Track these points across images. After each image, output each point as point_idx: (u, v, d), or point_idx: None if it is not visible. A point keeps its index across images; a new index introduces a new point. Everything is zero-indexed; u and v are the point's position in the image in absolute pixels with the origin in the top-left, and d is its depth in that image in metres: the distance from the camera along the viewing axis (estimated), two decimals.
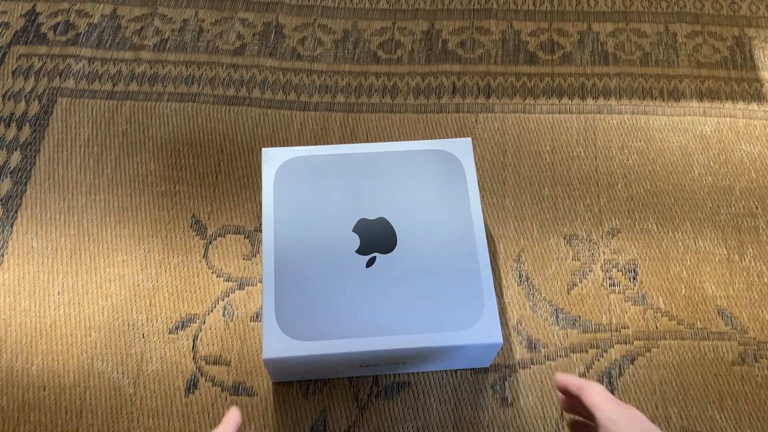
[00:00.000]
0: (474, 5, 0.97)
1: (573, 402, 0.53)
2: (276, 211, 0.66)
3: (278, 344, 0.60)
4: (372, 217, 0.66)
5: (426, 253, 0.64)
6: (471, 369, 0.70)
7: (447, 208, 0.67)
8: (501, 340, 0.61)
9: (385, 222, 0.66)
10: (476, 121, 0.87)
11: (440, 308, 0.62)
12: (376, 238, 0.65)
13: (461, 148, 0.70)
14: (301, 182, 0.68)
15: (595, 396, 0.50)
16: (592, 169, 0.83)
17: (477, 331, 0.61)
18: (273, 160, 0.69)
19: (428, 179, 0.68)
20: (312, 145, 0.84)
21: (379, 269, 0.63)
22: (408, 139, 0.85)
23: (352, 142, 0.85)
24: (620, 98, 0.88)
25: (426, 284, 0.63)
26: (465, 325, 0.61)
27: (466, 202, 0.67)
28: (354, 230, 0.65)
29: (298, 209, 0.66)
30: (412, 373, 0.70)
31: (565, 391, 0.53)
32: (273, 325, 0.60)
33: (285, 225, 0.65)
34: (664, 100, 0.88)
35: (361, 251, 0.64)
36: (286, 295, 0.62)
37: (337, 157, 0.69)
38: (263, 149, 0.70)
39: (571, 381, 0.52)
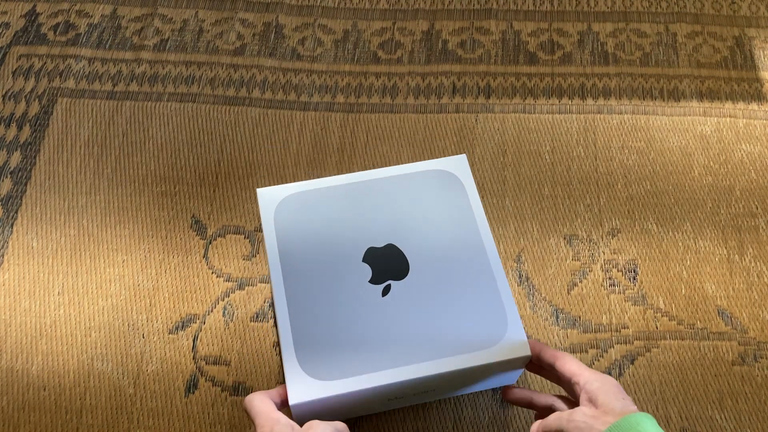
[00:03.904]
0: (474, 5, 0.97)
1: (540, 366, 0.59)
2: (281, 252, 0.63)
3: (304, 387, 0.57)
4: (380, 245, 0.64)
5: (440, 275, 0.62)
6: None
7: (453, 226, 0.65)
8: (530, 353, 0.58)
9: (394, 248, 0.64)
10: (476, 121, 0.87)
11: (464, 328, 0.59)
12: (388, 266, 0.63)
13: (457, 165, 0.68)
14: (303, 219, 0.65)
15: (572, 365, 0.55)
16: (592, 169, 0.83)
17: (504, 346, 0.59)
18: (270, 199, 0.66)
19: (430, 200, 0.66)
20: (311, 146, 0.84)
21: (396, 296, 0.61)
22: (408, 140, 0.85)
23: (352, 142, 0.85)
24: (620, 98, 0.88)
25: (446, 306, 0.61)
26: (491, 342, 0.59)
27: (471, 217, 0.65)
28: (364, 260, 0.63)
29: (304, 247, 0.64)
30: None
31: (536, 357, 0.58)
32: (296, 368, 0.58)
33: (293, 265, 0.63)
34: (664, 100, 0.88)
35: (374, 281, 0.62)
36: (305, 337, 0.59)
37: (334, 189, 0.67)
38: (258, 189, 0.67)
39: (546, 349, 0.58)
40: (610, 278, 0.75)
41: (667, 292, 0.75)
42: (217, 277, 0.75)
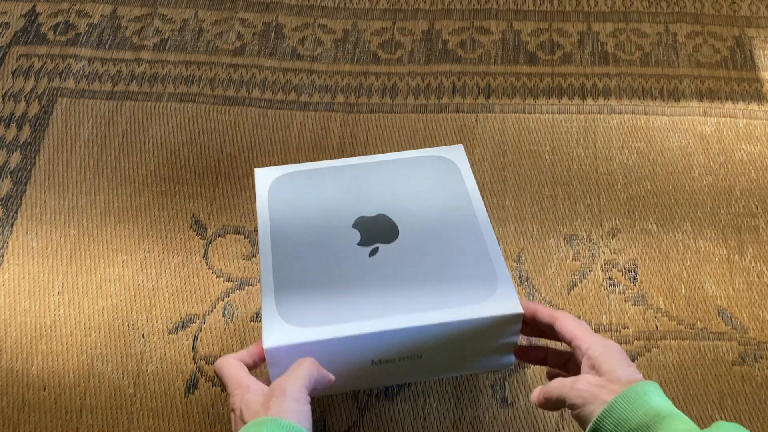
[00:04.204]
0: (474, 5, 0.97)
1: (536, 326, 0.56)
2: (271, 215, 0.64)
3: (280, 332, 0.55)
4: (371, 214, 0.65)
5: (430, 238, 0.62)
6: None
7: (445, 197, 0.65)
8: (521, 310, 0.56)
9: (384, 217, 0.64)
10: (476, 121, 0.87)
11: (452, 285, 0.58)
12: (377, 231, 0.63)
13: (454, 153, 0.69)
14: (297, 192, 0.66)
15: (572, 326, 0.53)
16: (592, 169, 0.83)
17: (494, 303, 0.57)
18: (266, 177, 0.67)
19: (424, 178, 0.67)
20: (311, 146, 0.84)
21: (383, 257, 0.61)
22: (408, 140, 0.85)
23: (352, 142, 0.85)
24: (620, 98, 0.88)
25: (434, 265, 0.60)
26: (480, 299, 0.57)
27: (463, 191, 0.66)
28: (354, 227, 0.64)
29: (294, 213, 0.65)
30: None
31: (531, 317, 0.55)
32: (273, 313, 0.57)
33: (281, 226, 0.64)
34: (664, 100, 0.88)
35: (362, 243, 0.62)
36: (286, 285, 0.59)
37: (332, 170, 0.68)
38: (256, 169, 0.68)
39: (541, 309, 0.55)
40: (610, 278, 0.75)
41: (667, 292, 0.75)
42: (217, 277, 0.75)
